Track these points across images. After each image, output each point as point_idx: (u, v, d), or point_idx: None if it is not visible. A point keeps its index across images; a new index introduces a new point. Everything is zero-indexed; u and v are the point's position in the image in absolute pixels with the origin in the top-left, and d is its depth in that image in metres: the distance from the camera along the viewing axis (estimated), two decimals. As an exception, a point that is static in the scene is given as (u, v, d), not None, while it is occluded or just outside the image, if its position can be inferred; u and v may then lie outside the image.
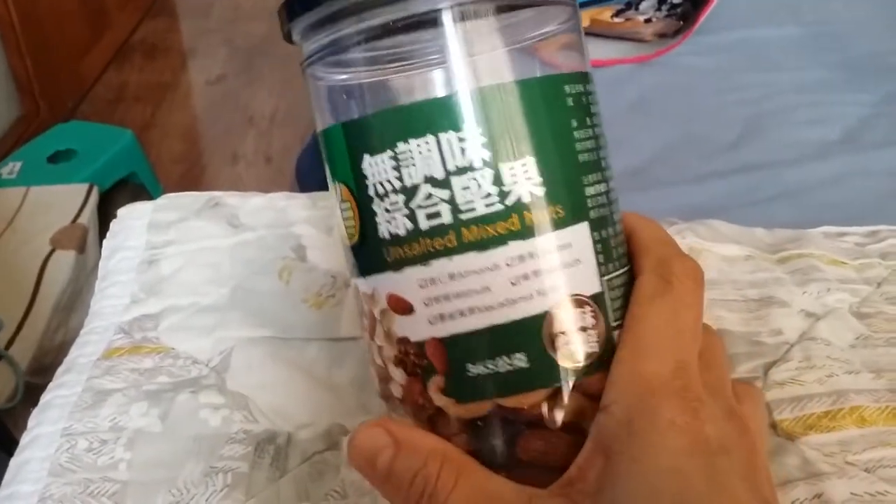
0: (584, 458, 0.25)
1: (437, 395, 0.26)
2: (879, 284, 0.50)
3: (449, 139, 0.25)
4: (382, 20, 0.25)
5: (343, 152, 0.27)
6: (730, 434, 0.25)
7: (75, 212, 1.36)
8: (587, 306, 0.26)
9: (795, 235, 0.55)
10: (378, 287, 0.27)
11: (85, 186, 1.41)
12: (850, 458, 0.39)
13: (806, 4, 1.10)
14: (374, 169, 0.26)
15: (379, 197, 0.26)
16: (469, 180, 0.25)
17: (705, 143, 0.88)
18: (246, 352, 0.47)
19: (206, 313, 0.50)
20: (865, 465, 0.39)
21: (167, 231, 0.56)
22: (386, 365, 0.27)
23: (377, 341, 0.27)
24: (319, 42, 0.27)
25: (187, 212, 0.58)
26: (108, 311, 0.52)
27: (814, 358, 0.44)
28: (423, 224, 0.25)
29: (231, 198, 0.59)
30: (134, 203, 0.60)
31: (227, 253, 0.54)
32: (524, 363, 0.25)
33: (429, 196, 0.25)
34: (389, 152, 0.25)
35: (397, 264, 0.26)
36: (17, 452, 0.43)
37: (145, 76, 2.43)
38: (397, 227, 0.26)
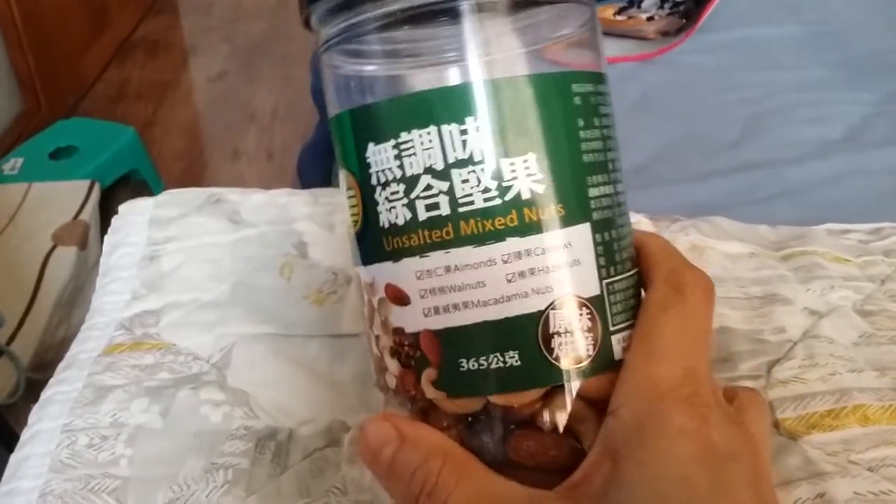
0: (590, 462, 0.25)
1: (429, 388, 0.26)
2: (883, 282, 0.50)
3: (451, 131, 0.25)
4: (398, 7, 0.25)
5: (350, 140, 0.27)
6: (736, 441, 0.25)
7: (77, 208, 1.36)
8: (585, 308, 0.25)
9: (799, 233, 0.55)
10: (377, 276, 0.27)
11: (86, 183, 1.41)
12: (853, 457, 0.39)
13: (806, 3, 1.10)
14: (378, 157, 0.26)
15: (381, 186, 0.26)
16: (469, 173, 0.25)
17: (707, 141, 0.88)
18: (247, 348, 0.47)
19: (207, 309, 0.50)
20: (868, 464, 0.39)
21: (168, 227, 0.56)
22: (382, 355, 0.27)
23: (375, 330, 0.27)
24: (337, 27, 0.27)
25: (188, 208, 0.58)
26: (109, 307, 0.51)
27: (817, 356, 0.44)
28: (422, 215, 0.25)
29: (232, 194, 0.59)
30: (135, 199, 0.59)
31: (228, 249, 0.54)
32: (517, 362, 0.25)
33: (428, 187, 0.25)
34: (392, 141, 0.25)
35: (396, 254, 0.26)
36: (17, 448, 0.43)
37: (147, 73, 2.43)
38: (397, 217, 0.26)
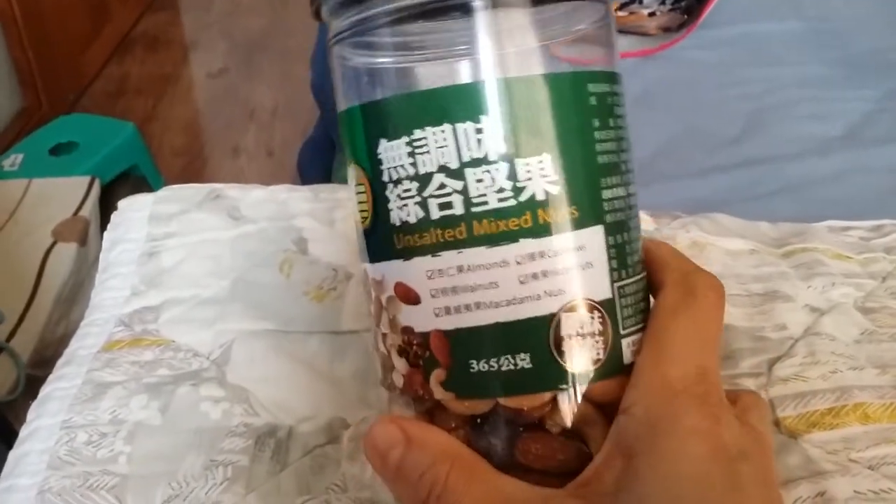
0: (601, 460, 0.25)
1: (437, 389, 0.26)
2: (884, 279, 0.50)
3: (466, 129, 0.24)
4: (413, 2, 0.25)
5: (361, 135, 0.26)
6: (747, 441, 0.25)
7: (77, 204, 1.36)
8: (596, 312, 0.25)
9: (800, 229, 0.55)
10: (386, 274, 0.26)
11: (86, 179, 1.41)
12: (854, 455, 0.39)
13: (808, 0, 1.09)
14: (390, 154, 0.25)
15: (393, 183, 0.26)
16: (483, 173, 0.24)
17: (708, 137, 0.88)
18: (247, 345, 0.47)
19: (206, 306, 0.50)
20: (869, 462, 0.39)
21: (168, 223, 0.56)
22: (389, 353, 0.27)
23: (382, 328, 0.27)
24: (348, 20, 0.26)
25: (188, 204, 0.58)
26: (108, 303, 0.51)
27: (818, 353, 0.44)
28: (435, 214, 0.25)
29: (232, 190, 0.59)
30: (134, 195, 0.59)
31: (227, 245, 0.54)
32: (528, 364, 0.25)
33: (442, 186, 0.25)
34: (405, 138, 0.25)
35: (407, 252, 0.26)
36: (16, 445, 0.43)
37: (147, 69, 2.43)
38: (409, 215, 0.25)
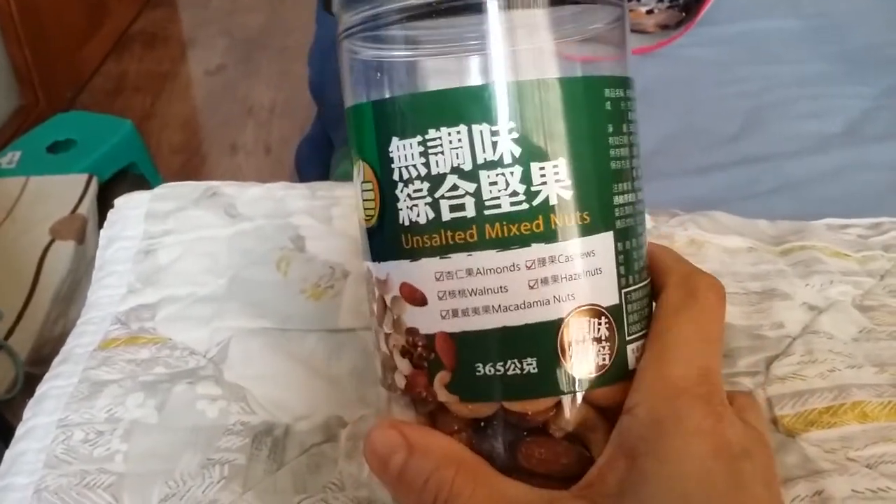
0: (604, 461, 0.25)
1: (441, 391, 0.26)
2: (882, 277, 0.50)
3: (481, 131, 0.24)
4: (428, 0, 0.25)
5: (371, 132, 0.26)
6: (750, 439, 0.25)
7: (75, 202, 1.35)
8: (604, 318, 0.25)
9: (798, 227, 0.55)
10: (392, 274, 0.26)
11: (84, 177, 1.41)
12: (852, 454, 0.39)
13: (806, -2, 1.09)
14: (401, 153, 0.25)
15: (403, 182, 0.25)
16: (497, 176, 0.24)
17: (706, 134, 0.88)
18: (244, 343, 0.47)
19: (203, 303, 0.50)
20: (867, 461, 0.39)
21: (164, 221, 0.56)
22: (392, 354, 0.27)
23: (385, 328, 0.27)
24: (361, 14, 0.26)
25: (185, 201, 0.58)
26: (104, 301, 0.51)
27: (816, 352, 0.44)
28: (446, 215, 0.25)
29: (229, 187, 0.59)
30: (131, 193, 0.59)
31: (224, 243, 0.54)
32: (534, 369, 0.25)
33: (454, 187, 0.25)
34: (419, 138, 0.25)
35: (415, 253, 0.25)
36: (12, 443, 0.43)
37: (145, 66, 2.43)
38: (419, 216, 0.25)
